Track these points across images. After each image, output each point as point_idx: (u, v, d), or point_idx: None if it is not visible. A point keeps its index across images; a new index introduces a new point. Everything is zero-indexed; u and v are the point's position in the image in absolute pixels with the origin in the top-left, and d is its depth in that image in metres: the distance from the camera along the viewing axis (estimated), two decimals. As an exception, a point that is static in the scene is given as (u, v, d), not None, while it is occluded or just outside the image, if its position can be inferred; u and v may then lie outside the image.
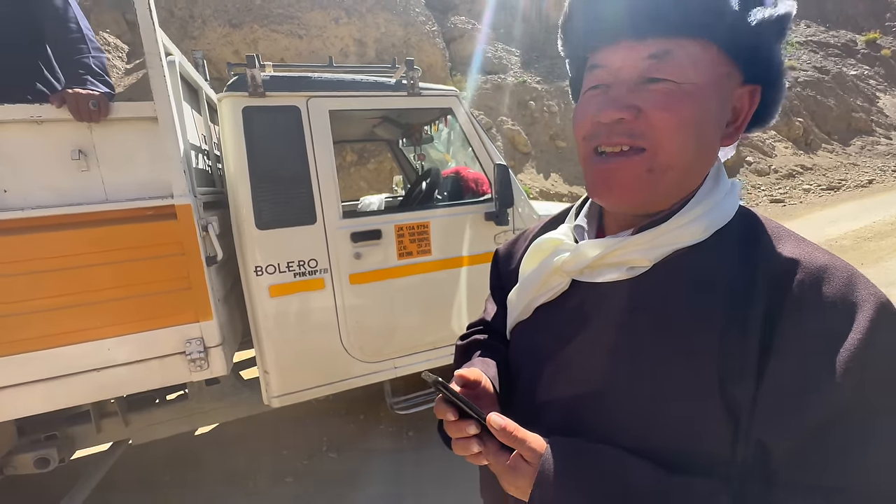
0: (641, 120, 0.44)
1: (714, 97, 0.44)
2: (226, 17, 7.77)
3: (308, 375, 1.96)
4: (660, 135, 0.43)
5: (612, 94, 0.45)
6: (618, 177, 0.46)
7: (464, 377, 0.52)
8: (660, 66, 0.43)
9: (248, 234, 1.77)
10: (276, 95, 1.78)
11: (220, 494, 2.13)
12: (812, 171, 11.27)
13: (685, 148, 0.44)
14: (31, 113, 1.37)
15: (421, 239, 2.04)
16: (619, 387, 0.46)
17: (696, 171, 0.47)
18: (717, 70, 0.44)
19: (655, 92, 0.43)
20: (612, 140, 0.45)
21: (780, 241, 0.45)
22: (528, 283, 0.57)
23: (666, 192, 0.47)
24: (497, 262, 0.73)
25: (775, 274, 0.42)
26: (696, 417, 0.42)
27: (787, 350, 0.39)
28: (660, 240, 0.47)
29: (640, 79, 0.44)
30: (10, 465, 1.68)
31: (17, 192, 1.40)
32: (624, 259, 0.48)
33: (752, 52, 0.44)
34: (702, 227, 0.46)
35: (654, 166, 0.45)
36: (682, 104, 0.43)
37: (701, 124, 0.44)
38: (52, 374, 1.47)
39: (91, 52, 1.53)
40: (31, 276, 1.40)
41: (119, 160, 1.49)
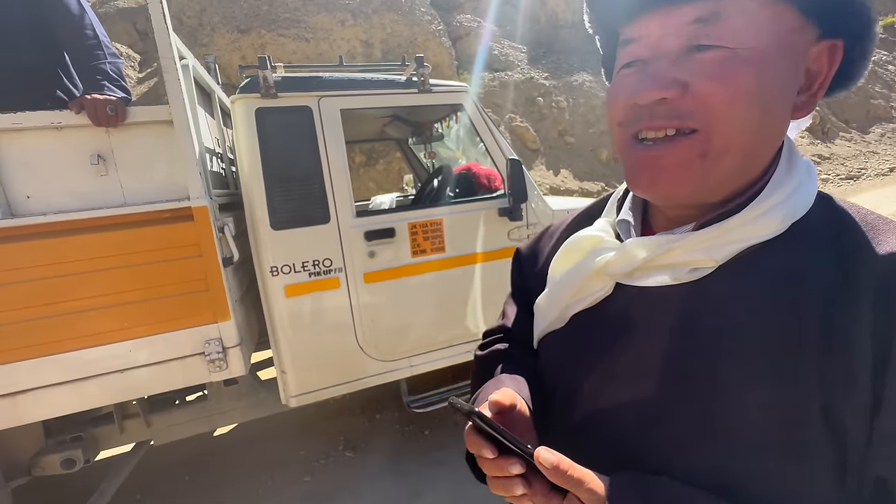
0: (689, 97, 0.36)
1: (780, 61, 0.36)
2: (234, 23, 7.87)
3: (324, 375, 1.96)
4: (714, 112, 0.36)
5: (651, 69, 0.38)
6: (664, 165, 0.39)
7: (499, 403, 0.43)
8: (708, 30, 0.36)
9: (263, 234, 1.78)
10: (288, 96, 1.78)
11: (239, 493, 2.15)
12: (830, 161, 11.00)
13: (746, 125, 0.36)
14: (50, 119, 1.40)
15: (434, 236, 2.03)
16: (681, 411, 0.39)
17: (760, 153, 0.39)
18: (781, 27, 0.36)
19: (705, 62, 0.36)
20: (654, 123, 0.38)
21: (876, 231, 0.37)
22: (562, 287, 0.50)
23: (723, 180, 0.39)
24: (520, 263, 0.65)
25: (880, 274, 0.35)
26: (786, 447, 0.35)
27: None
28: (730, 235, 0.39)
29: (684, 48, 0.37)
30: (38, 465, 1.71)
31: (38, 197, 1.43)
32: (683, 259, 0.41)
33: (828, 1, 0.36)
34: (779, 217, 0.38)
35: (707, 150, 0.37)
36: (738, 73, 0.35)
37: (764, 95, 0.36)
38: (76, 377, 1.50)
39: (107, 57, 1.55)
40: (54, 280, 1.43)
41: (136, 164, 1.51)
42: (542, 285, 0.54)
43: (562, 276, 0.50)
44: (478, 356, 0.64)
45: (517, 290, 0.66)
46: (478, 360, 0.64)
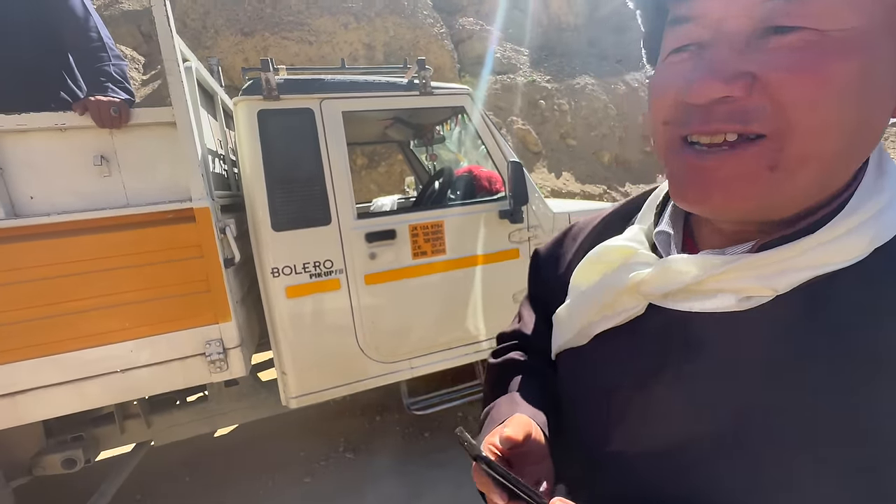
0: (758, 93, 0.29)
1: (886, 44, 0.28)
2: (237, 26, 7.92)
3: (325, 376, 1.96)
4: (791, 114, 0.28)
5: (711, 56, 0.30)
6: (719, 178, 0.31)
7: (512, 440, 0.39)
8: (790, 6, 0.28)
9: (264, 235, 1.79)
10: (290, 98, 1.79)
11: (240, 494, 2.15)
12: None
13: (835, 131, 0.29)
14: (54, 121, 1.41)
15: (435, 238, 2.03)
16: (723, 456, 0.34)
17: (849, 162, 0.31)
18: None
19: (783, 49, 0.28)
20: (710, 127, 0.31)
21: None
22: (586, 302, 0.44)
23: (797, 196, 0.32)
24: (538, 266, 0.59)
25: None
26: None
27: None
28: (798, 260, 0.32)
29: (756, 31, 0.29)
30: (39, 465, 1.72)
31: (42, 198, 1.44)
32: (736, 286, 0.34)
33: None
34: (863, 242, 0.31)
35: (779, 161, 0.29)
36: (830, 63, 0.27)
37: (864, 91, 0.28)
38: (78, 376, 1.50)
39: (111, 59, 1.57)
40: (57, 280, 1.44)
41: (139, 165, 1.52)
42: (562, 293, 0.48)
43: (586, 288, 0.45)
44: (492, 364, 0.59)
45: (534, 296, 0.60)
46: (492, 369, 0.58)
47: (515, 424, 0.41)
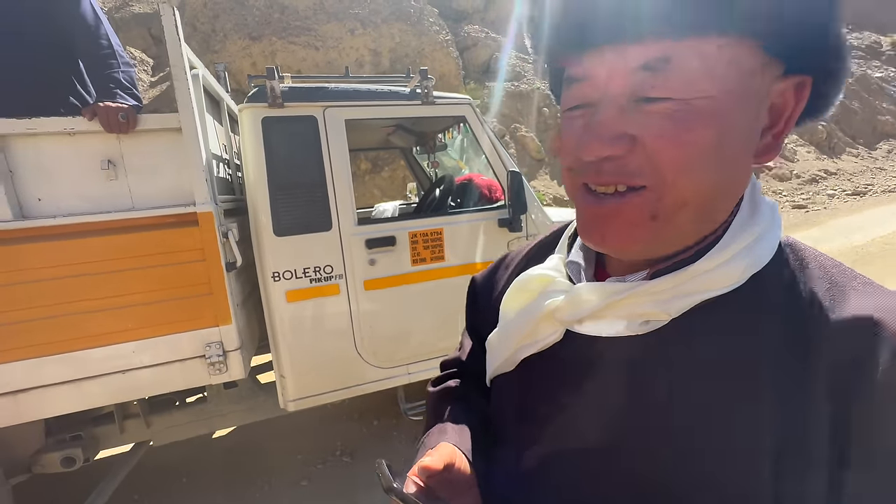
0: (638, 153, 0.33)
1: (741, 106, 0.32)
2: (246, 30, 8.02)
3: (323, 380, 1.98)
4: (665, 171, 0.33)
5: (599, 118, 0.34)
6: (613, 224, 0.36)
7: (429, 469, 0.41)
8: (656, 79, 0.31)
9: (266, 240, 1.82)
10: (294, 106, 1.83)
11: (236, 497, 2.16)
12: (836, 176, 10.95)
13: (702, 181, 0.33)
14: (64, 125, 1.44)
15: (434, 245, 2.06)
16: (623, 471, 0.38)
17: (721, 203, 0.36)
18: (742, 69, 0.31)
19: (655, 115, 0.32)
20: (601, 179, 0.35)
21: (840, 288, 0.34)
22: (512, 329, 0.47)
23: (677, 236, 0.36)
24: (475, 294, 0.61)
25: (843, 337, 0.32)
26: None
27: (872, 460, 0.30)
28: (684, 287, 0.36)
29: (632, 96, 0.33)
30: (39, 463, 1.74)
31: (49, 200, 1.47)
32: (637, 311, 0.38)
33: (795, 37, 0.31)
34: (739, 269, 0.35)
35: (658, 210, 0.34)
36: (692, 128, 0.31)
37: (723, 147, 0.32)
38: (80, 376, 1.53)
39: (121, 66, 1.60)
40: (61, 281, 1.47)
41: (145, 169, 1.55)
42: (496, 320, 0.51)
43: (513, 316, 0.47)
44: (430, 393, 0.61)
45: (472, 324, 0.62)
46: (430, 398, 0.61)
47: (437, 454, 0.44)
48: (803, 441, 0.31)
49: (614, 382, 0.39)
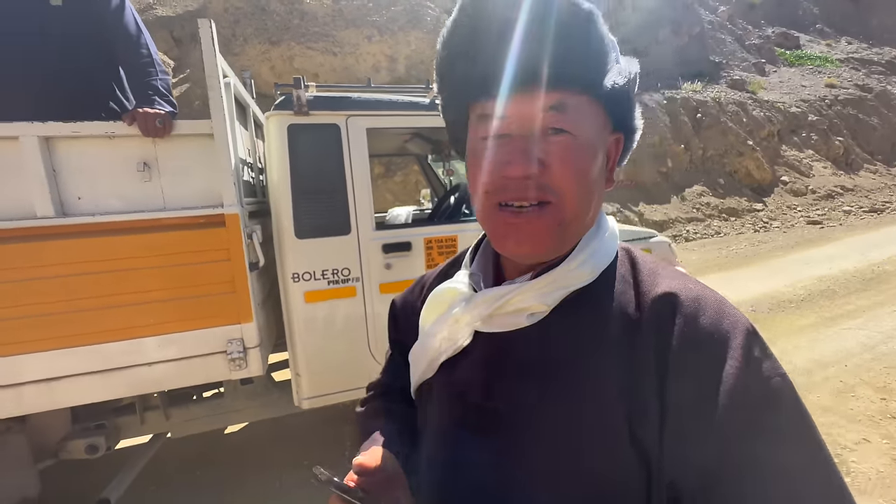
0: (547, 174, 0.43)
1: (600, 147, 0.46)
2: (265, 35, 8.21)
3: (337, 379, 2.03)
4: (564, 188, 0.44)
5: (519, 146, 0.44)
6: (529, 231, 0.45)
7: (363, 466, 0.49)
8: (560, 118, 0.43)
9: (287, 242, 1.89)
10: (319, 114, 1.90)
11: (248, 492, 2.21)
12: (853, 193, 10.80)
13: (586, 198, 0.46)
14: (105, 129, 1.53)
15: (449, 251, 2.11)
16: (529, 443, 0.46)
17: (591, 218, 0.49)
18: (598, 122, 0.46)
19: (557, 144, 0.43)
20: (522, 195, 0.44)
21: (656, 276, 0.47)
22: (429, 337, 0.54)
23: (569, 241, 0.48)
24: (395, 315, 0.69)
25: (657, 308, 0.44)
26: (610, 470, 0.42)
27: (679, 387, 0.41)
28: (554, 283, 0.47)
29: (542, 129, 0.43)
30: (65, 449, 1.81)
31: (88, 199, 1.55)
32: (523, 306, 0.47)
33: (621, 106, 0.47)
34: (589, 268, 0.47)
35: (563, 219, 0.45)
36: (581, 157, 0.44)
37: (595, 174, 0.46)
38: (108, 367, 1.60)
39: (158, 74, 1.69)
40: (97, 276, 1.55)
41: (177, 172, 1.63)
42: (416, 335, 0.58)
43: (429, 327, 0.55)
44: (358, 413, 0.67)
45: (394, 341, 0.70)
46: (359, 418, 0.66)
47: (369, 454, 0.51)
48: (641, 391, 0.41)
49: (511, 370, 0.48)
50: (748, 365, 0.40)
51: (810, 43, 17.16)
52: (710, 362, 0.40)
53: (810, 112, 12.41)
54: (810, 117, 12.24)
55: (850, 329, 3.83)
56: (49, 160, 1.48)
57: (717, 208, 9.40)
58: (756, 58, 14.92)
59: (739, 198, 9.91)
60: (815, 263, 5.99)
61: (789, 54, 15.84)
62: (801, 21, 18.34)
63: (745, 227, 9.01)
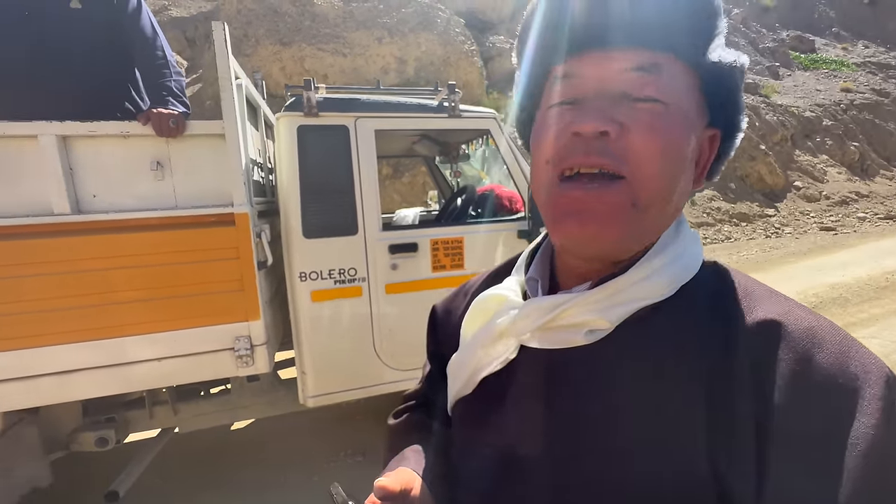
0: (624, 140, 0.36)
1: (694, 125, 0.38)
2: (277, 36, 8.30)
3: (342, 378, 2.05)
4: (643, 162, 0.36)
5: (594, 104, 0.37)
6: (595, 207, 0.37)
7: (386, 489, 0.42)
8: (648, 80, 0.36)
9: (295, 241, 1.91)
10: (328, 115, 1.92)
11: (252, 488, 2.24)
12: (868, 199, 10.62)
13: (669, 182, 0.37)
14: (120, 129, 1.56)
15: (455, 253, 2.12)
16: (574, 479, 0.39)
17: (671, 214, 0.40)
18: (696, 101, 0.38)
19: (643, 111, 0.36)
20: (590, 159, 0.36)
21: (753, 297, 0.39)
22: (470, 350, 0.47)
23: (645, 232, 0.39)
24: (435, 323, 0.62)
25: (756, 340, 0.35)
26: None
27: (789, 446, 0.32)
28: (620, 296, 0.39)
29: (623, 93, 0.37)
30: (76, 441, 1.85)
31: (103, 196, 1.59)
32: (580, 320, 0.40)
33: (723, 91, 0.39)
34: (666, 281, 0.39)
35: (637, 199, 0.37)
36: (670, 127, 0.36)
37: (684, 156, 0.37)
38: (119, 361, 1.63)
39: (173, 75, 1.73)
40: (110, 271, 1.58)
41: (189, 171, 1.66)
42: (457, 346, 0.51)
43: (470, 338, 0.48)
44: (390, 426, 0.60)
45: (433, 353, 0.63)
46: (390, 431, 0.60)
47: (394, 476, 0.45)
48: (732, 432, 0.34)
49: (565, 394, 0.41)
50: (888, 423, 0.31)
51: (826, 46, 16.91)
52: (834, 417, 0.32)
53: (825, 117, 12.22)
54: (825, 122, 12.05)
55: (864, 338, 3.76)
56: (66, 158, 1.52)
57: (728, 213, 9.30)
58: (770, 61, 14.73)
59: (751, 203, 9.79)
60: (828, 270, 5.90)
61: (804, 58, 15.62)
62: (816, 24, 18.08)
63: (757, 233, 8.90)
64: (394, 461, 0.51)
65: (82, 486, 2.13)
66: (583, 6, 0.37)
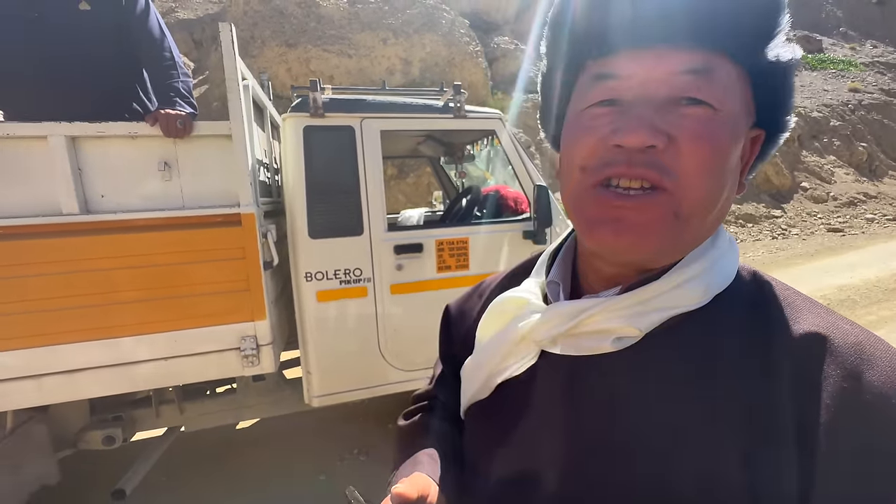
0: (671, 151, 0.34)
1: (741, 132, 0.36)
2: (283, 37, 8.34)
3: (347, 378, 2.06)
4: (689, 174, 0.34)
5: (638, 112, 0.34)
6: (633, 217, 0.35)
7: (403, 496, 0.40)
8: (701, 84, 0.33)
9: (301, 242, 1.91)
10: (334, 116, 1.93)
11: (257, 486, 2.25)
12: (877, 200, 10.50)
13: (715, 193, 0.35)
14: (128, 129, 1.58)
15: (460, 254, 2.12)
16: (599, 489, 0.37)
17: (713, 223, 0.38)
18: (745, 103, 0.35)
19: (692, 118, 0.34)
20: (635, 171, 0.34)
21: (795, 308, 0.37)
22: (487, 353, 0.46)
23: (684, 245, 0.37)
24: (448, 323, 0.60)
25: (799, 354, 0.34)
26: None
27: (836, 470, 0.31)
28: (652, 303, 0.37)
29: (670, 98, 0.34)
30: (83, 440, 1.87)
31: (111, 196, 1.60)
32: (607, 326, 0.38)
33: (775, 91, 0.36)
34: (702, 288, 0.37)
35: (680, 210, 0.35)
36: (720, 136, 0.34)
37: (732, 163, 0.35)
38: (127, 360, 1.64)
39: (180, 76, 1.74)
40: (117, 271, 1.59)
41: (196, 171, 1.67)
42: (471, 348, 0.50)
43: (487, 341, 0.46)
44: (400, 427, 0.58)
45: (445, 354, 0.61)
46: (400, 433, 0.58)
47: (410, 482, 0.42)
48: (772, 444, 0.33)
49: (589, 404, 0.39)
50: None
51: (833, 47, 16.76)
52: (884, 438, 0.31)
53: (833, 117, 12.11)
54: (832, 122, 11.94)
55: (872, 340, 3.71)
56: (75, 159, 1.53)
57: (734, 214, 9.23)
58: (776, 61, 14.59)
59: (757, 204, 9.72)
60: (836, 272, 5.84)
61: (811, 58, 15.49)
62: (823, 24, 17.93)
63: (763, 234, 8.83)
64: (407, 465, 0.49)
65: (89, 484, 2.15)
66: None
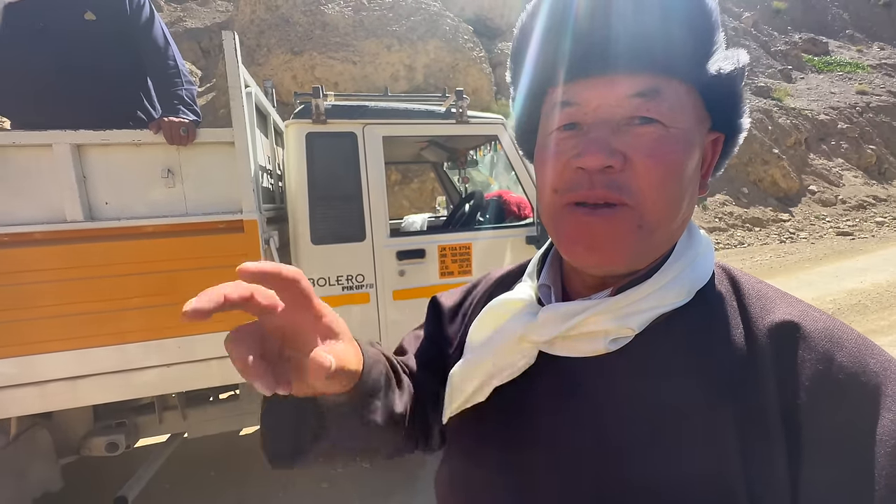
0: (627, 170, 0.37)
1: (695, 143, 0.39)
2: (288, 45, 8.44)
3: (349, 385, 2.04)
4: (646, 189, 0.37)
5: (595, 135, 0.37)
6: (604, 234, 0.38)
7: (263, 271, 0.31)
8: (650, 105, 0.36)
9: (303, 248, 1.92)
10: (336, 122, 1.94)
11: (260, 494, 2.24)
12: (886, 203, 10.38)
13: (674, 203, 0.38)
14: (132, 137, 1.59)
15: (462, 259, 2.11)
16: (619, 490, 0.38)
17: (678, 227, 0.41)
18: (697, 114, 0.39)
19: (643, 136, 0.37)
20: (595, 192, 0.37)
21: (768, 300, 0.40)
22: (482, 356, 0.45)
23: (653, 251, 0.40)
24: (439, 312, 0.59)
25: (775, 341, 0.37)
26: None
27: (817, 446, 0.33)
28: (642, 303, 0.39)
29: (624, 119, 0.37)
30: (86, 446, 1.87)
31: (115, 203, 1.61)
32: (602, 327, 0.40)
33: (725, 99, 0.40)
34: (685, 286, 0.40)
35: (643, 223, 0.38)
36: (671, 151, 0.37)
37: (687, 176, 0.38)
38: (130, 367, 1.64)
39: (184, 84, 1.76)
40: (121, 278, 1.60)
41: (199, 178, 1.68)
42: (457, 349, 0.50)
43: (482, 343, 0.46)
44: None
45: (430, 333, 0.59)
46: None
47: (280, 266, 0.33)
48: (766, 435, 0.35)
49: (592, 403, 0.41)
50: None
51: (840, 49, 16.65)
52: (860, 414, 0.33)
53: (840, 119, 12.01)
54: (840, 125, 11.84)
55: (885, 346, 3.60)
56: (79, 167, 1.54)
57: (741, 218, 9.15)
58: (782, 64, 14.55)
59: (764, 207, 9.63)
60: (846, 276, 5.76)
61: (817, 60, 15.40)
62: (829, 27, 17.84)
63: (771, 238, 8.74)
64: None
65: (92, 490, 2.15)
66: (583, 30, 0.38)
